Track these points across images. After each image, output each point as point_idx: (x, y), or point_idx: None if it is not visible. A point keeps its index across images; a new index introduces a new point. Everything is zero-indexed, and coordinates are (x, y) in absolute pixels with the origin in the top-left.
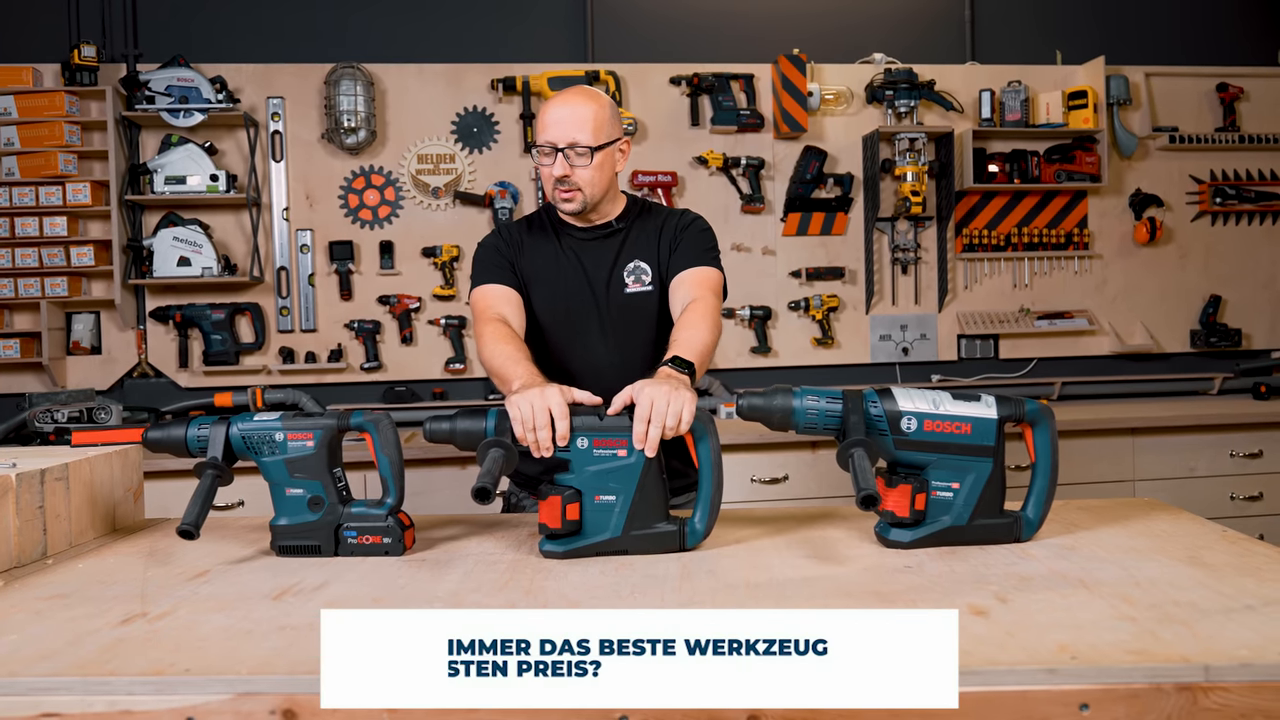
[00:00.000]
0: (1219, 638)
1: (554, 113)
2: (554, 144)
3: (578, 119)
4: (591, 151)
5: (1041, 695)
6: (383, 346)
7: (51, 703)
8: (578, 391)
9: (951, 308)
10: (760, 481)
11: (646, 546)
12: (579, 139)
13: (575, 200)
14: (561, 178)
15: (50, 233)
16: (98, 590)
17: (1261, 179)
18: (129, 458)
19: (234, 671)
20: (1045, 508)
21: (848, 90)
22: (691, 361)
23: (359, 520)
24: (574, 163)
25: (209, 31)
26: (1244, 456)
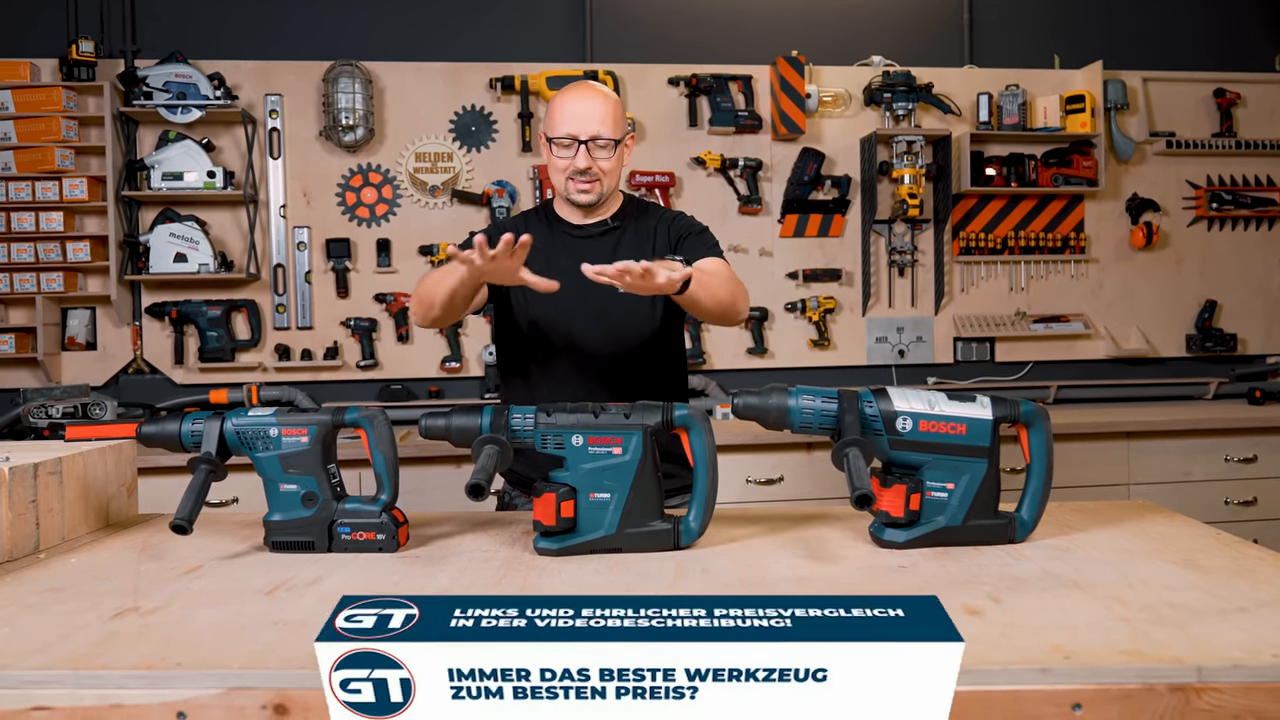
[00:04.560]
0: (1212, 639)
1: (573, 105)
2: (576, 136)
3: (599, 112)
4: (614, 144)
5: (1034, 695)
6: (379, 344)
7: (43, 696)
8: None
9: (948, 310)
10: (756, 482)
11: (641, 544)
12: (602, 131)
13: (594, 191)
14: (585, 169)
15: (47, 228)
16: (90, 584)
17: (1258, 185)
18: (123, 453)
19: (226, 666)
20: (1040, 509)
21: (846, 92)
22: (698, 272)
23: (353, 516)
24: (596, 155)
25: (207, 28)
26: (1239, 461)
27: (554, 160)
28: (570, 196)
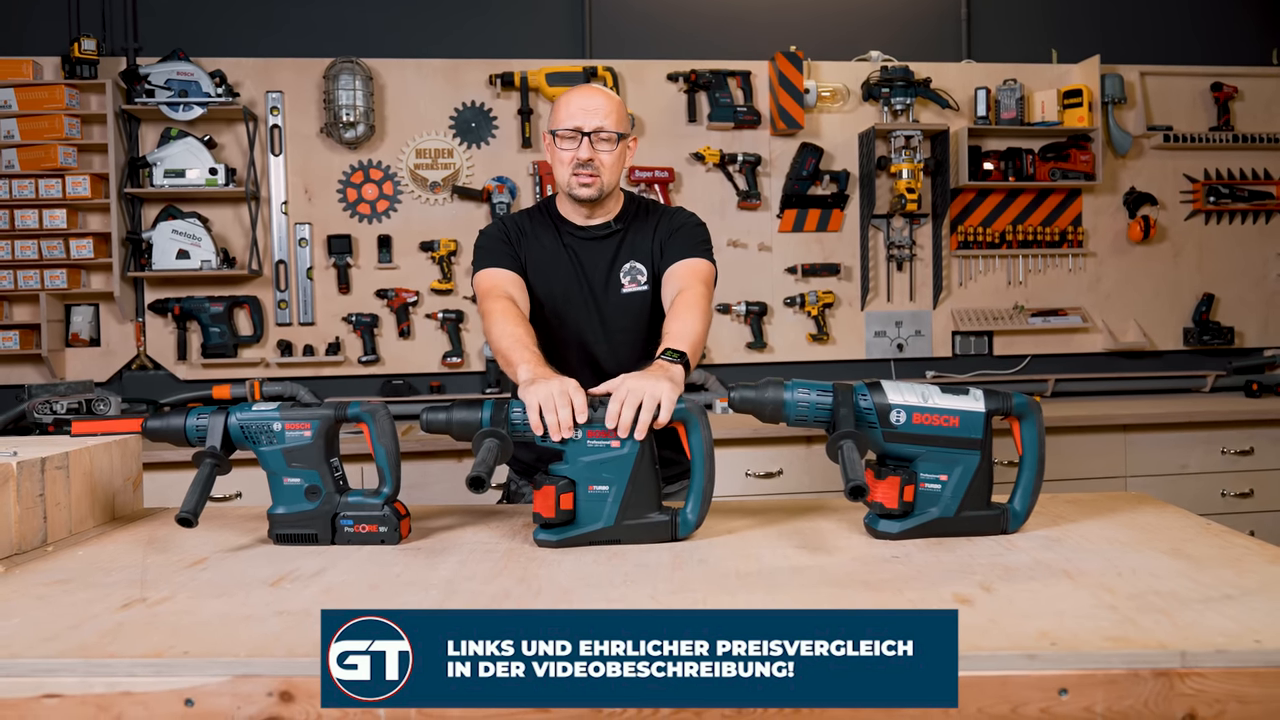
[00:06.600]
0: (1197, 625)
1: (579, 101)
2: (581, 128)
3: (603, 107)
4: (616, 138)
5: (1021, 680)
6: (380, 340)
7: (53, 684)
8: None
9: (946, 304)
10: (755, 476)
11: (639, 536)
12: (605, 125)
13: (594, 185)
14: (587, 160)
15: (50, 225)
16: (98, 576)
17: (1255, 178)
18: (128, 447)
19: (232, 654)
20: (1032, 500)
21: (844, 87)
22: (683, 350)
23: (355, 509)
24: (599, 148)
25: (209, 25)
26: (1235, 454)
27: (558, 154)
28: (572, 191)
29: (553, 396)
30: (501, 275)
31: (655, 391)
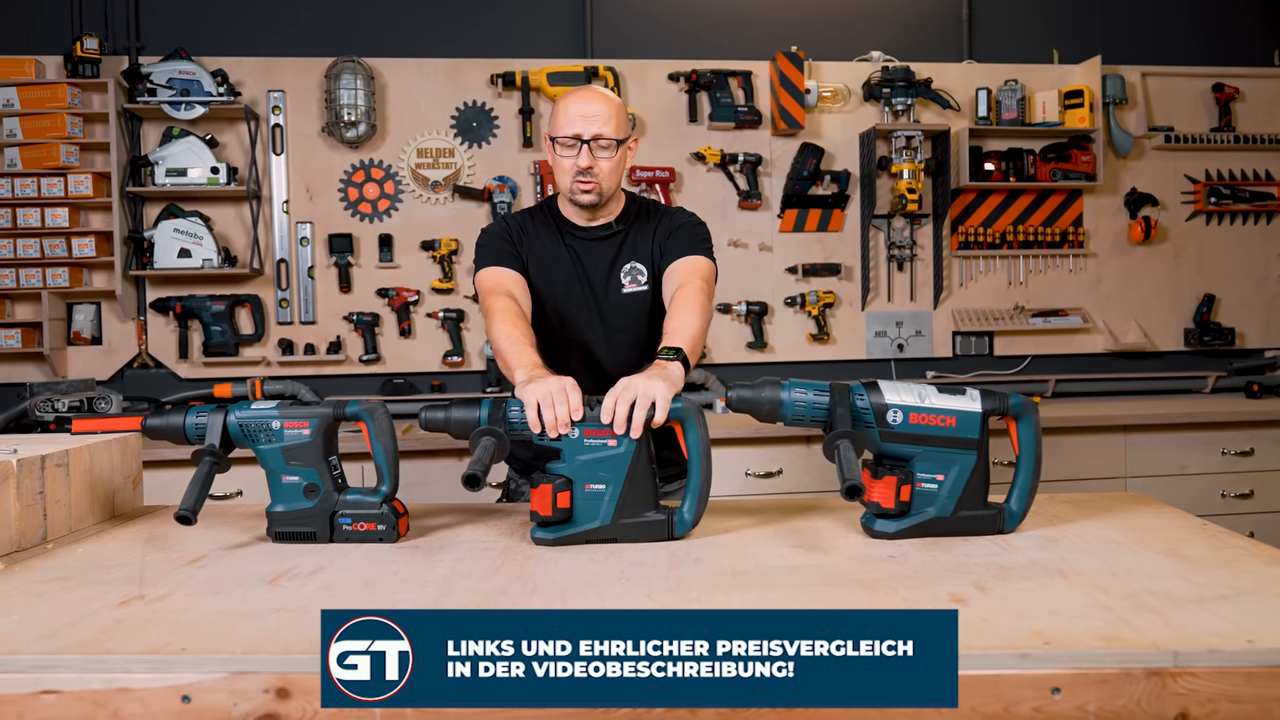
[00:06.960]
0: (1190, 626)
1: (577, 107)
2: (579, 135)
3: (602, 113)
4: (616, 144)
5: (1014, 679)
6: (381, 339)
7: (51, 680)
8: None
9: (947, 305)
10: (754, 475)
11: (635, 535)
12: (604, 132)
13: (594, 191)
14: (586, 168)
15: (52, 224)
16: (97, 573)
17: (1256, 179)
18: (128, 445)
19: (229, 651)
20: (1028, 500)
21: (845, 88)
22: (680, 347)
23: (354, 507)
24: (598, 155)
25: (211, 25)
26: (1236, 454)
27: (559, 160)
28: (574, 197)
29: (550, 394)
30: (503, 274)
31: (651, 390)
